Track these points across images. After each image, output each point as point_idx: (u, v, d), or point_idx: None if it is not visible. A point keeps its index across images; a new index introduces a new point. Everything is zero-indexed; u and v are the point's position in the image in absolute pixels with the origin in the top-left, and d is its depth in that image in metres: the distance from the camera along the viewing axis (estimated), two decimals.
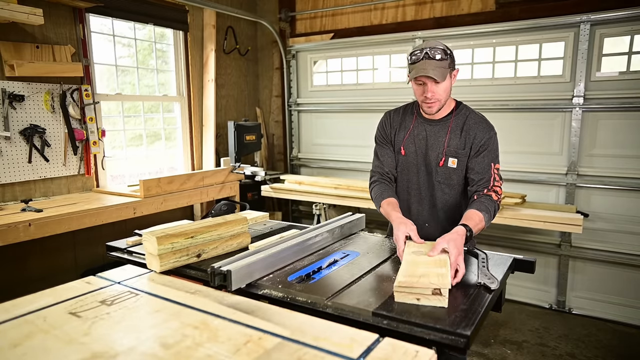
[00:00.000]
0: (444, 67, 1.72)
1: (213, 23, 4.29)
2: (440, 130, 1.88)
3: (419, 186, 1.94)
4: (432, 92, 1.75)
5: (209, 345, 0.99)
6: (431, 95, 1.76)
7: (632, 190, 3.35)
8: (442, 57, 1.72)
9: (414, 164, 1.93)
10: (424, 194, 1.94)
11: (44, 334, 1.05)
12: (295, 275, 1.45)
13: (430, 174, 1.90)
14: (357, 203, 3.81)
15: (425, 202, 1.94)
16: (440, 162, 1.86)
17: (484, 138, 1.83)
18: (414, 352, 0.94)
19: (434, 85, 1.74)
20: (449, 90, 1.80)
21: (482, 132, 1.84)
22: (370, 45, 4.39)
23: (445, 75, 1.73)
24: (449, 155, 1.85)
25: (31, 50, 3.01)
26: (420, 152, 1.91)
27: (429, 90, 1.75)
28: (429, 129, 1.90)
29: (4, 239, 2.41)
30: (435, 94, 1.76)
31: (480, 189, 1.81)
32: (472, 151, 1.84)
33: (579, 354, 3.02)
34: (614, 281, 3.49)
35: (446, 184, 1.89)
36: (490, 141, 1.85)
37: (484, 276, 1.40)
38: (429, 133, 1.90)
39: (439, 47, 1.73)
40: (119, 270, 1.53)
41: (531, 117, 3.67)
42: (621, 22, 3.26)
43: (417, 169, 1.93)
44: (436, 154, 1.88)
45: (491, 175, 1.83)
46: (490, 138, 1.85)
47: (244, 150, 4.35)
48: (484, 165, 1.83)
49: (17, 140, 3.01)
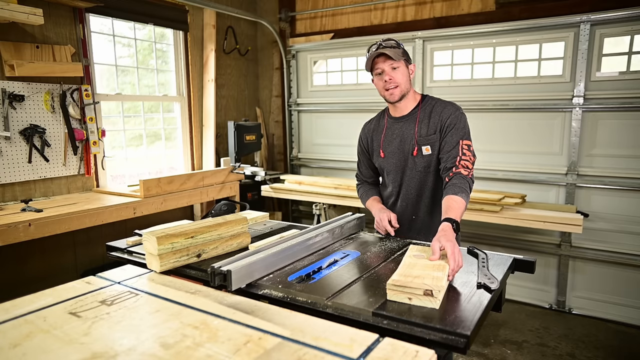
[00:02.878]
0: (398, 53, 1.86)
1: (213, 23, 4.29)
2: (409, 123, 1.98)
3: (404, 181, 2.03)
4: (390, 76, 1.87)
5: (209, 345, 0.99)
6: (389, 79, 1.88)
7: (632, 190, 3.35)
8: (394, 46, 1.88)
9: (394, 162, 2.03)
10: (409, 188, 2.02)
11: (44, 334, 1.05)
12: (295, 275, 1.45)
13: (410, 167, 1.99)
14: (357, 203, 3.81)
15: (412, 195, 2.03)
16: (414, 152, 1.95)
17: (449, 117, 1.90)
18: (414, 352, 0.94)
19: (392, 71, 1.87)
20: (407, 77, 1.92)
21: (448, 112, 1.91)
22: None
23: (400, 58, 1.86)
24: (421, 144, 1.93)
25: (31, 50, 3.01)
26: (397, 149, 2.01)
27: (387, 74, 1.88)
28: (399, 125, 2.01)
29: (4, 239, 2.41)
30: (393, 79, 1.88)
31: (449, 165, 1.85)
32: (442, 133, 1.90)
33: (579, 354, 3.02)
34: (614, 281, 3.49)
35: (427, 172, 1.97)
36: (456, 119, 1.89)
37: (484, 276, 1.40)
38: (400, 129, 2.00)
39: (393, 40, 1.91)
40: (119, 270, 1.53)
41: (531, 117, 3.67)
42: (621, 22, 3.26)
43: (396, 166, 2.02)
44: (410, 146, 1.96)
45: (458, 151, 1.85)
46: (456, 117, 1.90)
47: (244, 150, 4.35)
48: (451, 143, 1.87)
49: (17, 140, 3.01)
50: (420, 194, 2.01)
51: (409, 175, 2.01)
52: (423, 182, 1.99)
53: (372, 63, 1.91)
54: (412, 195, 2.03)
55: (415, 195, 2.02)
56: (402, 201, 2.07)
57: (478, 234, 3.92)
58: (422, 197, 2.02)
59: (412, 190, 2.02)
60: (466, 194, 1.75)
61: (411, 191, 2.02)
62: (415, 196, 2.02)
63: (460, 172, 1.80)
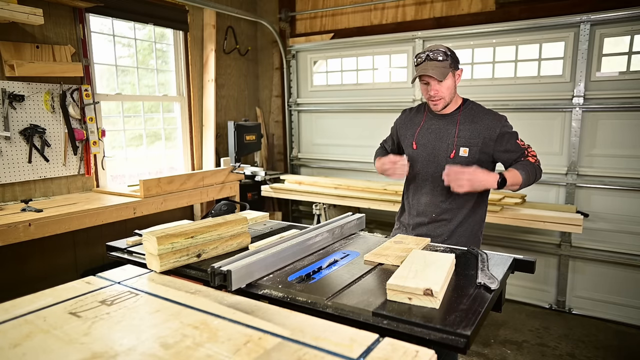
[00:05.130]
0: (444, 67, 1.89)
1: (213, 23, 4.29)
2: (449, 123, 2.01)
3: (430, 176, 2.05)
4: (435, 90, 1.92)
5: (209, 345, 0.99)
6: (434, 93, 1.93)
7: (632, 190, 3.35)
8: (443, 59, 1.89)
9: (425, 156, 2.06)
10: (435, 184, 2.04)
11: (44, 334, 1.05)
12: (295, 275, 1.45)
13: (441, 164, 2.00)
14: (357, 203, 3.81)
15: (437, 191, 2.04)
16: (451, 153, 1.98)
17: (498, 126, 1.95)
18: (414, 352, 0.94)
19: (437, 84, 1.91)
20: (452, 88, 1.96)
21: (495, 122, 1.96)
22: (370, 45, 4.39)
23: (446, 74, 1.90)
24: (460, 145, 1.98)
25: (31, 50, 3.01)
26: (431, 144, 2.04)
27: (432, 89, 1.92)
28: (438, 123, 2.04)
29: (4, 239, 2.41)
30: (438, 92, 1.92)
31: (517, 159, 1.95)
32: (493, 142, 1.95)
33: (579, 354, 3.02)
34: (614, 281, 3.49)
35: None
36: (505, 127, 1.97)
37: (484, 276, 1.40)
38: (438, 127, 2.03)
39: (441, 50, 1.91)
40: (119, 270, 1.53)
41: (531, 117, 3.67)
42: (621, 22, 3.26)
43: (427, 160, 2.05)
44: (446, 144, 2.00)
45: (522, 149, 1.95)
46: (504, 125, 1.97)
47: (244, 150, 4.35)
48: (511, 146, 1.95)
49: (17, 140, 3.01)
50: (446, 195, 2.01)
51: (434, 170, 2.03)
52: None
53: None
54: (437, 192, 2.04)
55: (440, 193, 2.03)
56: (426, 195, 2.07)
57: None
58: (449, 199, 2.02)
59: (438, 188, 2.03)
60: (527, 173, 1.85)
61: (437, 189, 2.04)
62: (441, 195, 2.03)
63: (528, 159, 1.92)
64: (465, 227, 2.04)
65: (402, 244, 1.74)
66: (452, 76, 1.94)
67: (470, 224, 2.04)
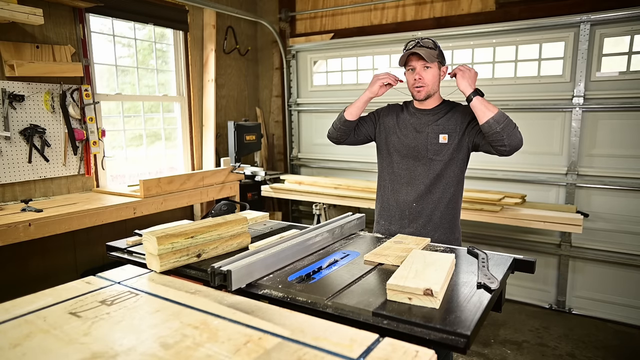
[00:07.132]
0: (432, 55, 1.93)
1: (213, 23, 4.29)
2: (429, 116, 2.07)
3: (408, 167, 2.08)
4: (420, 76, 1.97)
5: (209, 345, 0.99)
6: (419, 78, 1.97)
7: (632, 190, 3.35)
8: (431, 47, 1.96)
9: (404, 147, 2.08)
10: (414, 175, 2.07)
11: (44, 334, 1.05)
12: (295, 275, 1.45)
13: (420, 154, 2.04)
14: (357, 203, 3.81)
15: (416, 182, 2.06)
16: (431, 140, 2.02)
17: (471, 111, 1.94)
18: (414, 352, 0.94)
19: (423, 70, 1.96)
20: (436, 79, 2.00)
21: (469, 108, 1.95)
22: (370, 45, 4.39)
23: (433, 61, 1.94)
24: (439, 132, 2.02)
25: (31, 50, 3.01)
26: (411, 135, 2.07)
27: (417, 73, 1.97)
28: (418, 116, 2.09)
29: (4, 239, 2.41)
30: (423, 79, 1.97)
31: None
32: (467, 124, 1.99)
33: (579, 354, 3.02)
34: (614, 281, 3.49)
35: (437, 160, 2.02)
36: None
37: (484, 276, 1.40)
38: (419, 120, 2.08)
39: (431, 40, 1.99)
40: (119, 270, 1.53)
41: (531, 117, 3.67)
42: (621, 22, 3.26)
43: (406, 151, 2.08)
44: (426, 134, 2.03)
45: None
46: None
47: (244, 150, 4.35)
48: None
49: (17, 140, 3.01)
50: (428, 183, 2.04)
51: (413, 161, 2.06)
52: (432, 170, 2.03)
53: (406, 59, 1.98)
54: (418, 182, 2.05)
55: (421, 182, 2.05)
56: (405, 186, 2.08)
57: (478, 234, 3.92)
58: (430, 188, 2.04)
59: (420, 177, 2.05)
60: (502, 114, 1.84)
61: (415, 181, 2.06)
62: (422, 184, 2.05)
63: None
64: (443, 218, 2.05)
65: (402, 244, 1.74)
66: (438, 68, 1.99)
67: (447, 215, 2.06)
